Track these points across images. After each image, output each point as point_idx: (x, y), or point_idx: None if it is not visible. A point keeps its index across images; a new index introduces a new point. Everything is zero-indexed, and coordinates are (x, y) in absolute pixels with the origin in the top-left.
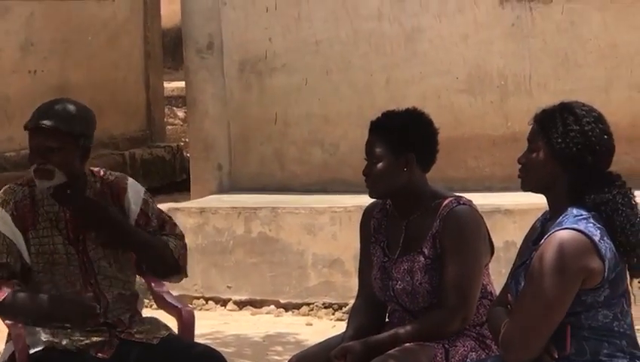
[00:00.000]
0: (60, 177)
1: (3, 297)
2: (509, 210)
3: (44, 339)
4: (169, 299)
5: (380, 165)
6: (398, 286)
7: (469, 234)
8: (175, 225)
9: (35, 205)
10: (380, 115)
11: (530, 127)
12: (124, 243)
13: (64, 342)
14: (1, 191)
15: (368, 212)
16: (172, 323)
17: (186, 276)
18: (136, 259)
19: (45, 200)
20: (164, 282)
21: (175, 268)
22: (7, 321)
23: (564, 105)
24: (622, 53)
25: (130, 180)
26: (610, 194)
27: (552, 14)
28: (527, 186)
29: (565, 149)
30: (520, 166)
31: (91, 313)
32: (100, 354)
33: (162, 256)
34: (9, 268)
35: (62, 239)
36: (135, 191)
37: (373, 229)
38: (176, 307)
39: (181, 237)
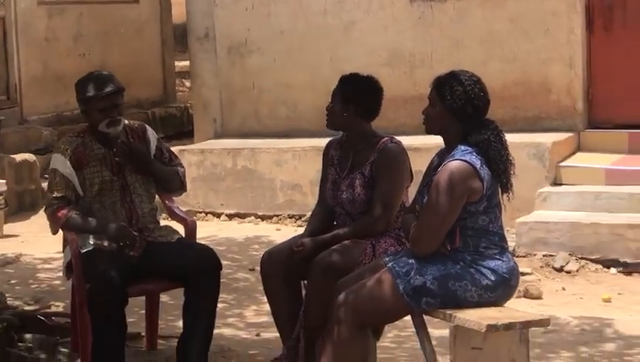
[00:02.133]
0: (122, 123)
1: (65, 216)
2: (418, 148)
3: (92, 242)
4: (178, 213)
5: (333, 106)
6: (343, 195)
7: (395, 163)
8: (177, 157)
9: (87, 150)
10: (347, 74)
11: (430, 88)
12: (152, 172)
13: (106, 244)
14: (61, 141)
15: (329, 143)
16: (181, 229)
17: (186, 191)
18: (155, 184)
19: (94, 145)
20: (173, 198)
21: (180, 186)
22: (66, 231)
23: (453, 72)
24: (495, 37)
25: (148, 126)
26: (486, 135)
27: (446, 10)
28: (429, 131)
29: (453, 104)
30: (424, 117)
31: (133, 240)
32: (132, 253)
33: (173, 179)
34: (67, 199)
35: (108, 171)
36: (152, 133)
37: (332, 156)
38: (184, 218)
39: (182, 165)
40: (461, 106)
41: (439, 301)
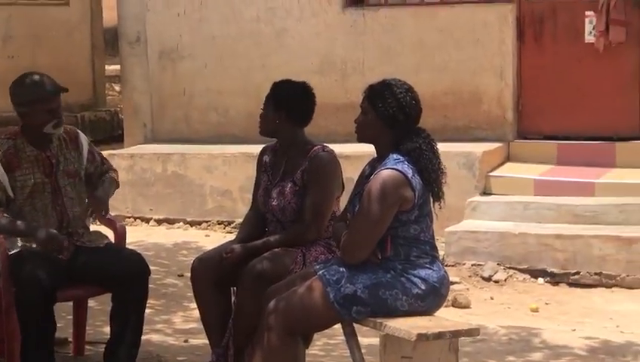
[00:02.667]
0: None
1: None
2: (348, 156)
3: (20, 244)
4: (108, 217)
5: (265, 112)
6: (274, 203)
7: (326, 172)
8: (107, 160)
9: (19, 152)
10: (279, 80)
11: (362, 97)
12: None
13: (34, 246)
14: None
15: (263, 150)
16: (110, 234)
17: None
18: (87, 188)
19: (27, 147)
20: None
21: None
22: None
23: (385, 81)
24: (426, 46)
25: (79, 131)
26: (417, 143)
27: (378, 18)
28: (361, 139)
29: (385, 112)
30: (356, 125)
31: (61, 246)
32: (60, 256)
33: (113, 189)
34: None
35: (40, 174)
36: (84, 138)
37: (265, 162)
38: (113, 223)
39: (114, 169)
40: (393, 114)
41: (370, 309)
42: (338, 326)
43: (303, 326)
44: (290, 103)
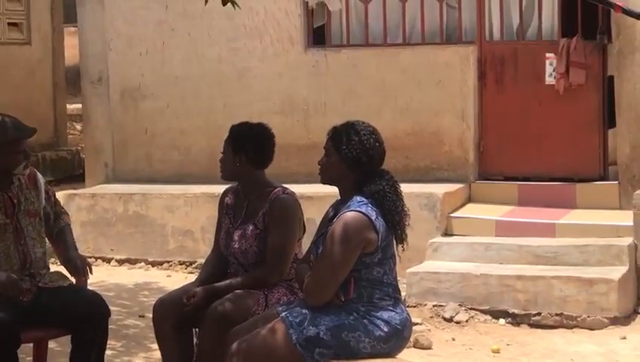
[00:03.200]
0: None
1: None
2: (310, 196)
3: None
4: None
5: (225, 157)
6: (235, 246)
7: (287, 215)
8: (59, 202)
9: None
10: (237, 123)
11: (326, 138)
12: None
13: None
14: None
15: (225, 192)
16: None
17: None
18: (46, 229)
19: None
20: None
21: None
22: None
23: (348, 123)
24: (389, 87)
25: (37, 172)
26: (381, 185)
27: (340, 59)
28: (324, 181)
29: (348, 154)
30: (319, 167)
31: (21, 291)
32: (23, 298)
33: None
34: None
35: (1, 214)
36: (40, 177)
37: (226, 205)
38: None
39: (66, 212)
40: (356, 157)
41: (332, 351)
42: None
43: None
44: (248, 146)
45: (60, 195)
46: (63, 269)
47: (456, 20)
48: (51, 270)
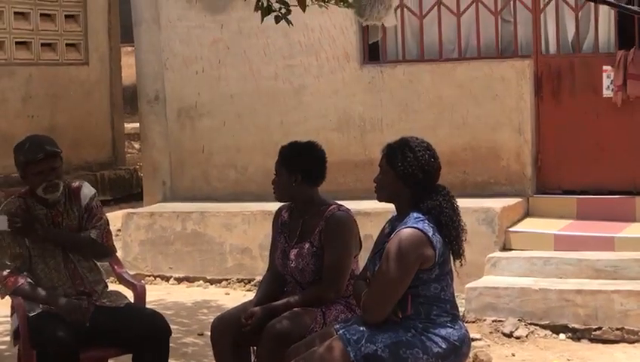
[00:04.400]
0: (61, 187)
1: (14, 285)
2: (368, 212)
3: (40, 307)
4: (127, 277)
5: (279, 178)
6: (292, 264)
7: (343, 232)
8: (101, 218)
9: (30, 209)
10: (286, 143)
11: (381, 156)
12: (53, 240)
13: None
14: (4, 203)
15: (278, 211)
16: (129, 294)
17: (115, 253)
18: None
19: (36, 206)
20: (121, 262)
21: (102, 252)
22: (13, 296)
23: (403, 139)
24: (445, 102)
25: (85, 184)
26: (437, 201)
27: (396, 75)
28: (380, 198)
29: (404, 170)
30: (375, 184)
31: (84, 315)
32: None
33: (86, 247)
34: (23, 257)
35: None
36: (85, 193)
37: (281, 223)
38: (133, 283)
39: (100, 227)
40: (412, 173)
41: None
42: None
43: None
44: (303, 164)
45: (119, 214)
46: (121, 288)
47: (512, 34)
48: (109, 288)
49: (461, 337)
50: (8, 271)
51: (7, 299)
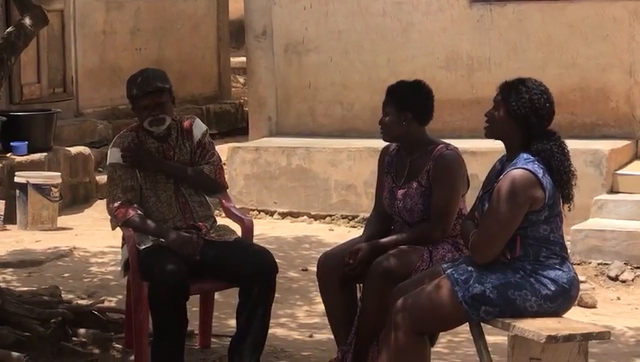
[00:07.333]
0: (167, 122)
1: (124, 216)
2: (474, 152)
3: (150, 240)
4: (235, 211)
5: (387, 118)
6: (400, 204)
7: (451, 171)
8: (214, 154)
9: (142, 143)
10: (394, 82)
11: (496, 92)
12: (164, 172)
13: (164, 241)
14: (117, 135)
15: (384, 151)
16: (236, 228)
17: (226, 188)
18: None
19: (148, 139)
20: (229, 197)
21: (214, 188)
22: (124, 228)
23: (521, 79)
24: (554, 42)
25: (197, 120)
26: (548, 144)
27: (505, 14)
28: (489, 135)
29: (518, 111)
30: (486, 119)
31: (195, 249)
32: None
33: (199, 181)
34: (134, 189)
35: None
36: (198, 128)
37: (387, 163)
38: (241, 218)
39: (214, 163)
40: (525, 115)
41: (498, 310)
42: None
43: (431, 325)
44: (414, 103)
45: (224, 148)
46: (229, 222)
47: None
48: (218, 223)
49: (570, 279)
50: (119, 202)
51: (117, 230)
